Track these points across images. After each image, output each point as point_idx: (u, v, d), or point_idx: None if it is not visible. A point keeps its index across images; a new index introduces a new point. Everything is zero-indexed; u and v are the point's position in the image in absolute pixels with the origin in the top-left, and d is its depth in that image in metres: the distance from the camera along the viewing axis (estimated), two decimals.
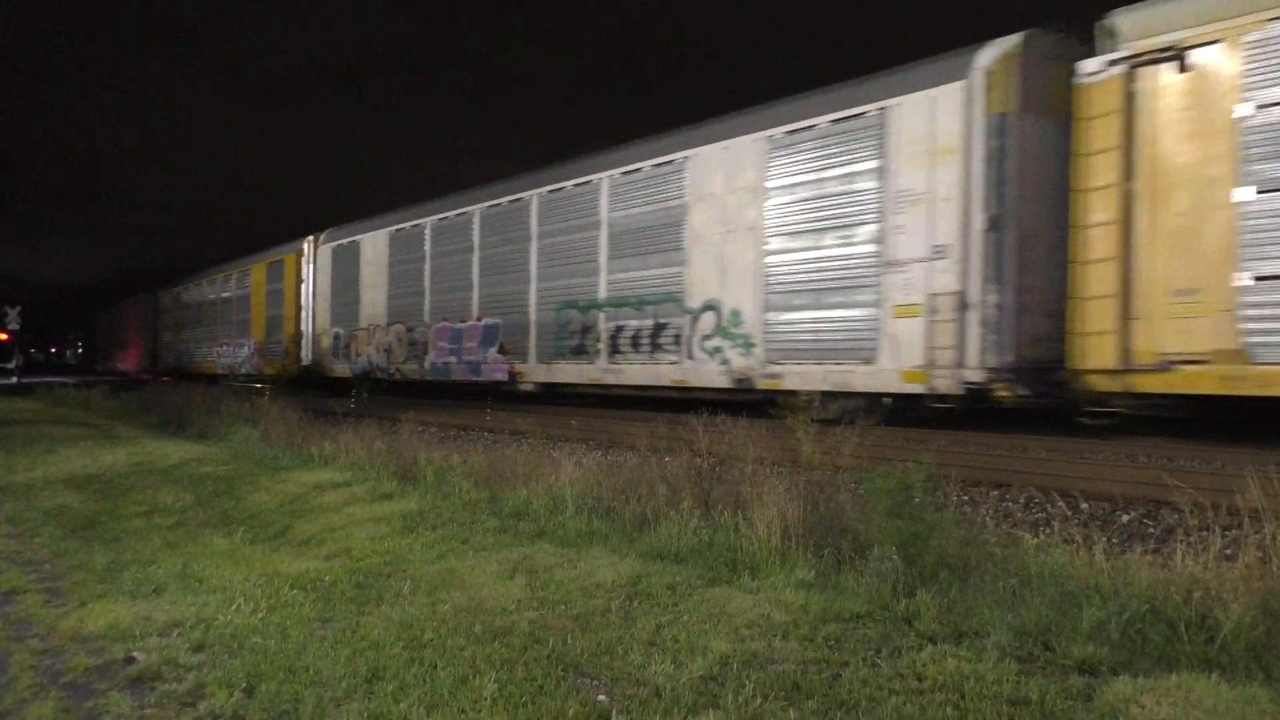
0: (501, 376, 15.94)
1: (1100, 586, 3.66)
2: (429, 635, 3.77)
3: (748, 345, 11.43)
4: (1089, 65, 8.45)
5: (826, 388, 10.47)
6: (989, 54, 9.28)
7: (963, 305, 9.21)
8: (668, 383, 12.75)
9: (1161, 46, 7.95)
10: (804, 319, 10.80)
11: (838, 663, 3.29)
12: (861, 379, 10.15)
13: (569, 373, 14.40)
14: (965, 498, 6.47)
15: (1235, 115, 7.51)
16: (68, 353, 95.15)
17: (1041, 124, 9.21)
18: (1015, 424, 10.37)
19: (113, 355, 51.87)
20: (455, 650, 3.57)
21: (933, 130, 9.58)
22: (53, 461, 10.78)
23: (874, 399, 10.28)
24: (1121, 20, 8.35)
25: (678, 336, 12.48)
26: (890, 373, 9.84)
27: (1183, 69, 7.82)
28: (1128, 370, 8.00)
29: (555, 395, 15.40)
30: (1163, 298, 7.87)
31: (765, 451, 6.09)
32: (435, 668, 3.39)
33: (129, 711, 3.17)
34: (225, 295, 29.51)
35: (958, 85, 9.36)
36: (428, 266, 18.05)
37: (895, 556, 4.13)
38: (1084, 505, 5.99)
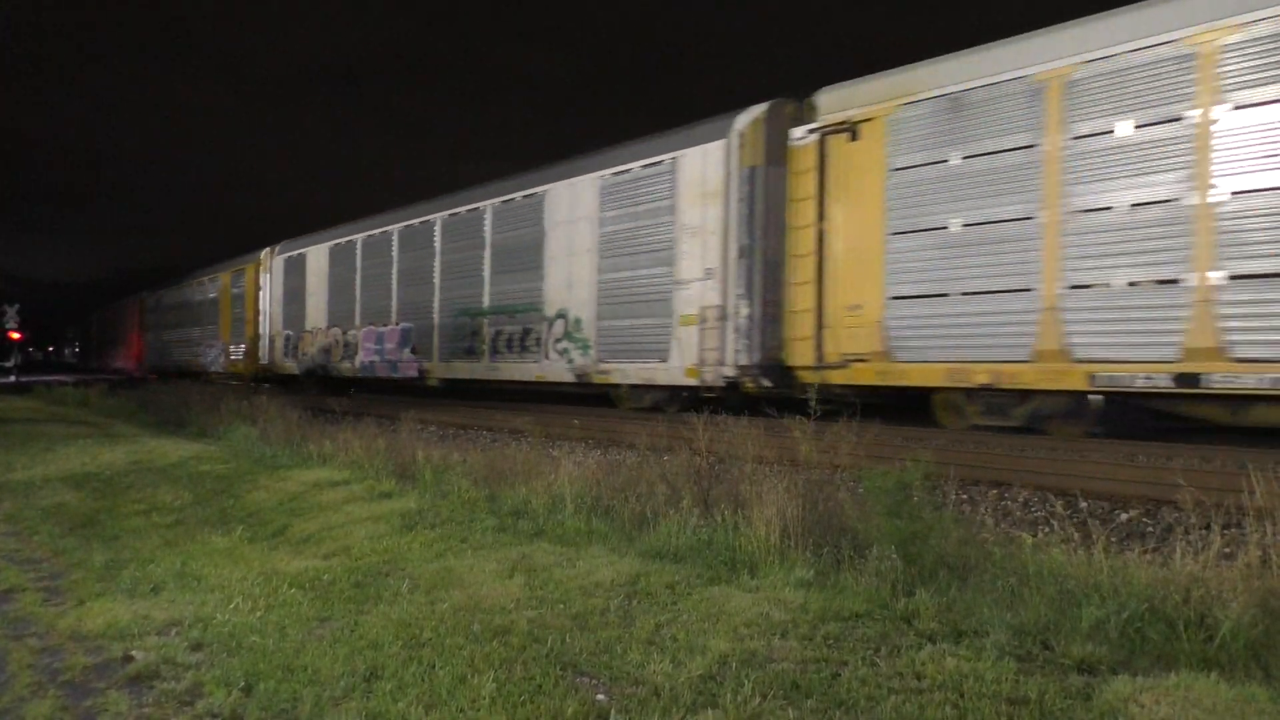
0: (413, 373, 18.41)
1: (1099, 585, 3.66)
2: (427, 634, 3.77)
3: (586, 347, 13.91)
4: (797, 132, 11.12)
5: (639, 381, 13.07)
6: (744, 119, 11.66)
7: (723, 316, 11.61)
8: (532, 378, 15.16)
9: (840, 120, 10.57)
10: (625, 325, 13.25)
11: (837, 662, 3.29)
12: (661, 374, 12.62)
13: (463, 370, 16.85)
14: (964, 497, 6.47)
15: (882, 175, 10.11)
16: (66, 351, 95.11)
17: (779, 174, 11.41)
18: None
19: (104, 354, 54.14)
20: (454, 649, 3.57)
21: (705, 177, 12.00)
22: (51, 460, 10.78)
23: (673, 390, 12.83)
24: (819, 97, 10.87)
25: (538, 339, 14.93)
26: (678, 369, 12.29)
27: (853, 138, 10.44)
28: (821, 367, 10.57)
29: (455, 389, 17.91)
30: (841, 312, 10.47)
31: (764, 450, 6.09)
32: (434, 667, 3.39)
33: (127, 710, 3.16)
34: (199, 299, 32.04)
35: (721, 143, 11.79)
36: (359, 277, 20.58)
37: (894, 555, 4.13)
38: (1083, 504, 5.99)
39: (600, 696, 3.10)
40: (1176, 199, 8.01)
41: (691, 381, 12.07)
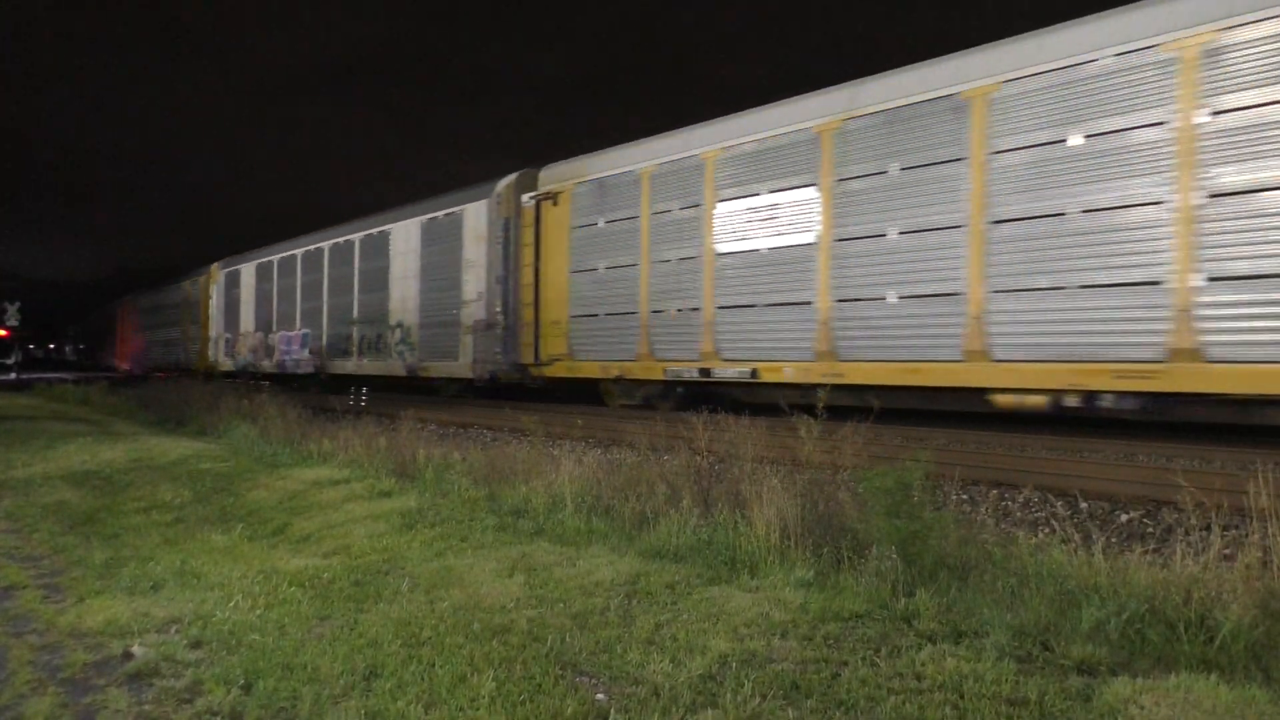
0: (311, 370, 22.89)
1: (1099, 586, 3.66)
2: (427, 633, 3.77)
3: (414, 349, 18.25)
4: (526, 196, 15.37)
5: (444, 375, 17.47)
6: (501, 184, 16.00)
7: (489, 326, 15.90)
8: (382, 373, 19.63)
9: (548, 191, 14.94)
10: (435, 333, 17.53)
11: (837, 662, 3.29)
12: (455, 370, 16.95)
13: (340, 367, 21.46)
14: (964, 497, 6.47)
15: (568, 231, 14.40)
16: (66, 349, 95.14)
17: (523, 224, 15.51)
18: (1014, 424, 10.38)
19: (100, 352, 58.64)
20: (453, 648, 3.57)
21: (478, 225, 16.38)
22: (51, 457, 10.78)
23: (465, 381, 17.05)
24: (540, 173, 15.37)
25: (386, 343, 19.30)
26: (465, 366, 16.54)
27: (554, 204, 14.71)
28: (539, 364, 14.89)
29: (339, 383, 21.66)
30: (549, 325, 14.71)
31: (765, 450, 6.09)
32: (433, 666, 3.39)
33: (127, 708, 3.16)
34: (172, 304, 36.78)
35: (486, 201, 16.22)
36: (275, 291, 25.21)
37: (894, 556, 4.12)
38: (1083, 505, 5.99)
39: (600, 696, 3.10)
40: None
41: (471, 375, 16.38)
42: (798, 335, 10.79)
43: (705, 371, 11.89)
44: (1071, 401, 8.61)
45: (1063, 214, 8.45)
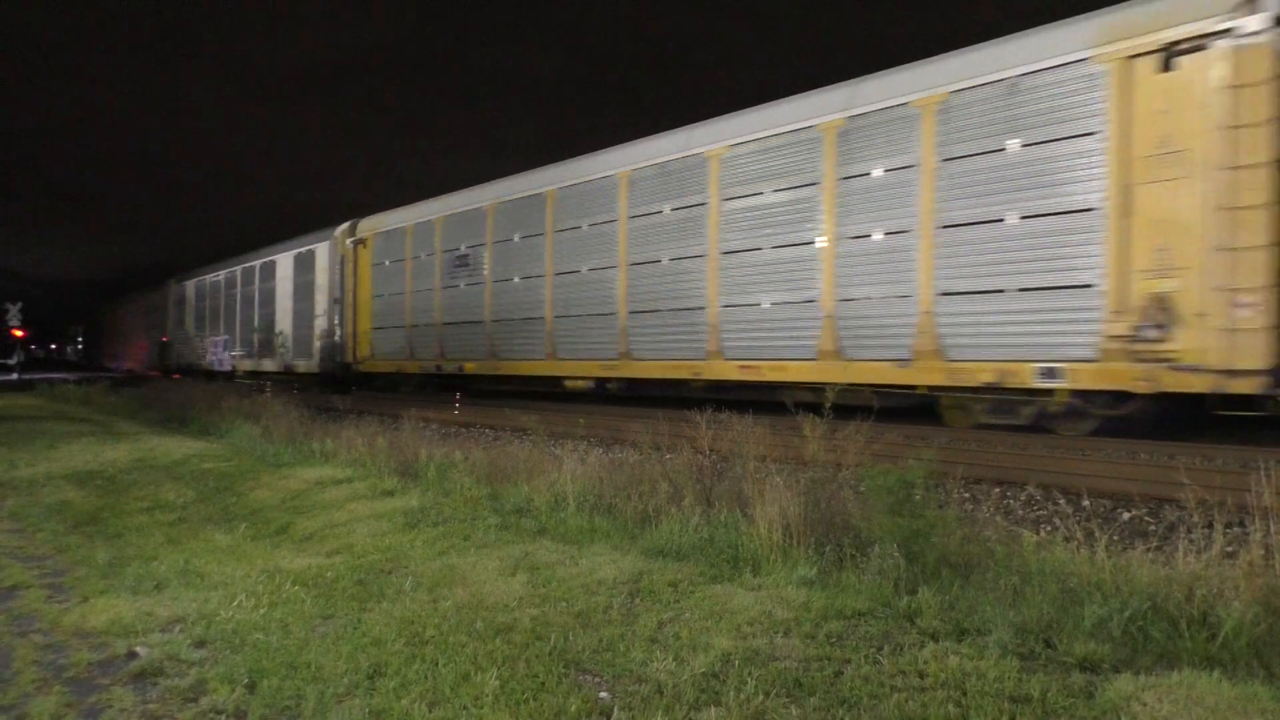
0: (229, 368, 28.46)
1: (1102, 584, 3.66)
2: (430, 632, 3.78)
3: (289, 351, 23.72)
4: (344, 240, 20.63)
5: (304, 370, 22.88)
6: (337, 230, 21.25)
7: (329, 335, 21.34)
8: (272, 370, 24.93)
9: (360, 237, 20.17)
10: (299, 338, 23.13)
11: (839, 660, 3.29)
12: (311, 366, 22.51)
13: (246, 365, 26.89)
14: (966, 495, 6.47)
15: (370, 267, 19.71)
16: (68, 349, 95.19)
17: (347, 261, 20.76)
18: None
19: (92, 354, 64.89)
20: (457, 647, 3.57)
21: (324, 260, 21.80)
22: (55, 457, 10.79)
23: (315, 375, 22.40)
24: (358, 223, 20.64)
25: (273, 347, 24.78)
26: (314, 364, 22.20)
27: (365, 246, 19.96)
28: (355, 362, 20.15)
29: (248, 377, 26.72)
30: (361, 334, 20.00)
31: (767, 448, 6.09)
32: (437, 664, 3.40)
33: (132, 707, 3.17)
34: (150, 309, 41.72)
35: (328, 241, 21.53)
36: (208, 305, 31.33)
37: (897, 554, 4.13)
38: (1085, 503, 5.99)
39: (603, 694, 3.10)
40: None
41: (319, 370, 22.13)
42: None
43: (439, 366, 17.52)
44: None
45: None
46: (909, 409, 11.09)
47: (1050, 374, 8.40)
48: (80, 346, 78.11)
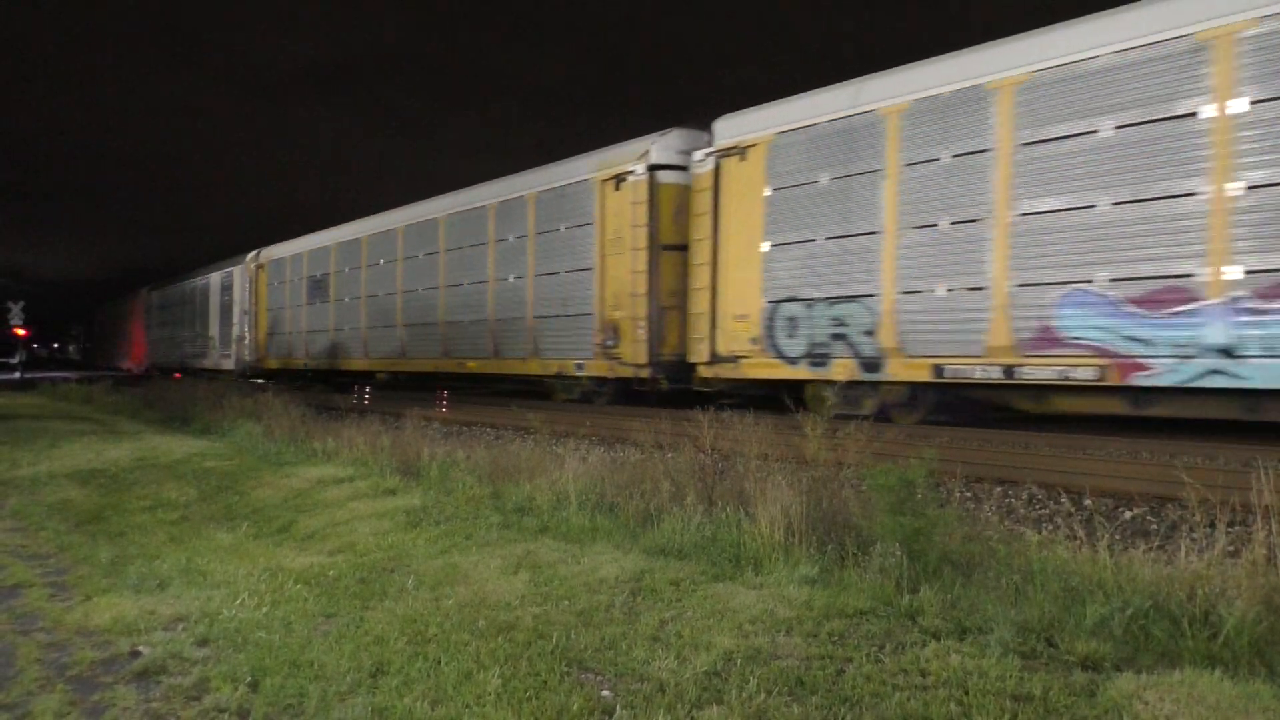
0: (180, 366, 33.62)
1: (1103, 583, 3.66)
2: (433, 630, 3.78)
3: (216, 351, 29.49)
4: (251, 265, 26.96)
5: (228, 367, 28.09)
6: (248, 256, 27.31)
7: (242, 339, 27.46)
8: (206, 366, 29.92)
9: (260, 263, 26.70)
10: (226, 339, 28.74)
11: (841, 658, 3.30)
12: (232, 365, 27.87)
13: (193, 364, 32.15)
14: (968, 494, 6.47)
15: (266, 288, 26.54)
16: (70, 348, 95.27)
17: (252, 280, 26.87)
18: (1021, 420, 10.37)
19: (90, 353, 69.93)
20: (459, 645, 3.58)
21: (239, 281, 27.80)
22: (57, 456, 10.81)
23: (235, 372, 27.10)
24: (261, 251, 26.94)
25: (215, 347, 30.06)
26: (233, 362, 27.93)
27: (264, 270, 26.43)
28: (260, 359, 26.69)
29: (199, 374, 30.51)
30: (263, 339, 26.48)
31: (769, 447, 6.09)
32: (439, 663, 3.40)
33: (135, 705, 3.18)
34: (119, 317, 49.71)
35: (242, 266, 27.58)
36: (170, 314, 37.40)
37: (898, 552, 4.13)
38: (1087, 501, 5.98)
39: (605, 692, 3.11)
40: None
41: (234, 368, 27.49)
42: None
43: (305, 365, 23.60)
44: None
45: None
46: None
47: (580, 366, 13.86)
48: (82, 345, 78.97)
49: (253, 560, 5.46)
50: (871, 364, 9.87)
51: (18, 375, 35.09)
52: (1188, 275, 7.59)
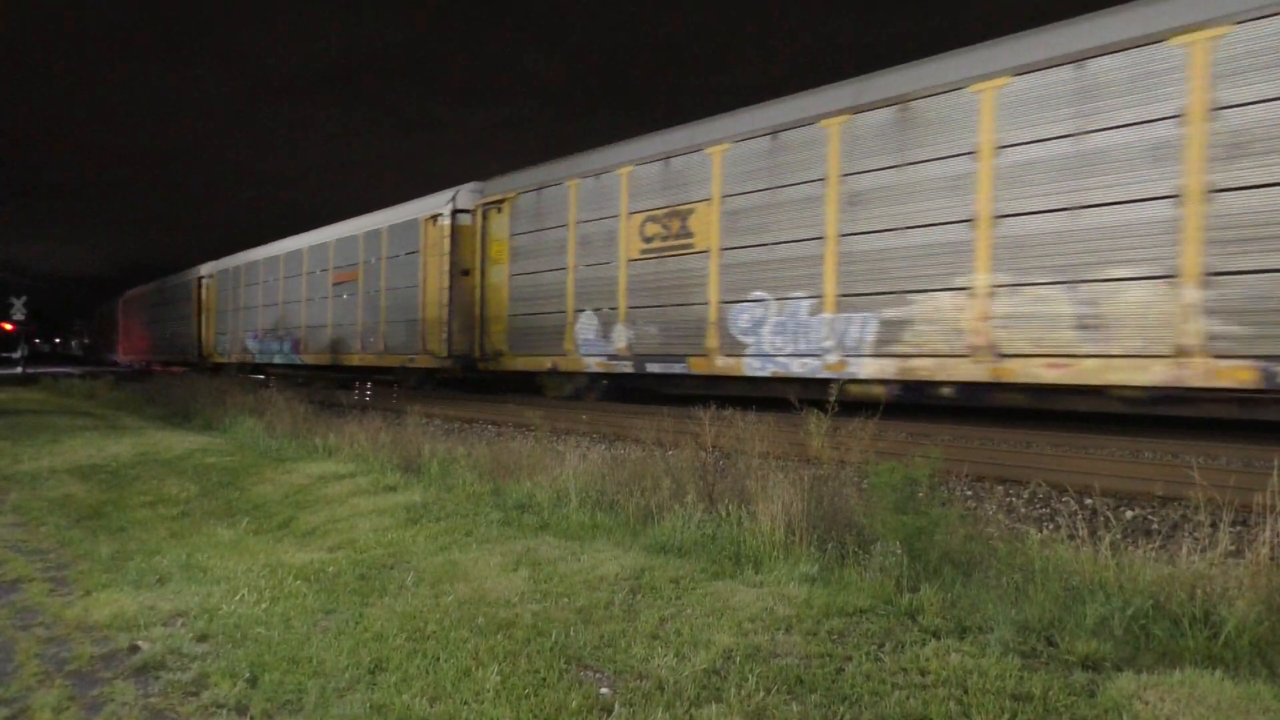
0: (145, 363, 39.46)
1: (1104, 582, 3.65)
2: (432, 627, 3.78)
3: (181, 347, 34.99)
4: (201, 279, 33.31)
5: (191, 361, 33.39)
6: (204, 267, 33.22)
7: (198, 337, 33.71)
8: (173, 359, 35.07)
9: (209, 274, 32.75)
10: (189, 336, 33.97)
11: (841, 657, 3.29)
12: (193, 358, 33.23)
13: (164, 358, 37.17)
14: (969, 493, 6.46)
15: (216, 297, 32.04)
16: (72, 343, 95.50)
17: (210, 288, 32.58)
18: (1022, 419, 10.37)
19: (90, 349, 73.46)
20: (458, 642, 3.58)
21: (194, 287, 33.78)
22: (58, 451, 10.82)
23: (195, 366, 31.81)
24: (216, 264, 32.50)
25: (177, 346, 35.14)
26: (194, 356, 33.32)
27: (214, 282, 32.01)
28: (212, 356, 32.14)
29: (166, 367, 36.22)
30: (212, 336, 32.04)
31: (770, 445, 6.08)
32: (438, 659, 3.40)
33: (134, 700, 3.18)
34: (107, 314, 54.66)
35: (192, 280, 34.36)
36: (145, 315, 41.71)
37: (899, 551, 4.12)
38: (1089, 501, 5.98)
39: (604, 690, 3.10)
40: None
41: (196, 360, 31.68)
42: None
43: (246, 361, 27.68)
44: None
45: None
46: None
47: (412, 360, 17.77)
48: (85, 341, 79.64)
49: (253, 556, 5.46)
50: (560, 360, 14.29)
51: (20, 370, 35.14)
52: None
